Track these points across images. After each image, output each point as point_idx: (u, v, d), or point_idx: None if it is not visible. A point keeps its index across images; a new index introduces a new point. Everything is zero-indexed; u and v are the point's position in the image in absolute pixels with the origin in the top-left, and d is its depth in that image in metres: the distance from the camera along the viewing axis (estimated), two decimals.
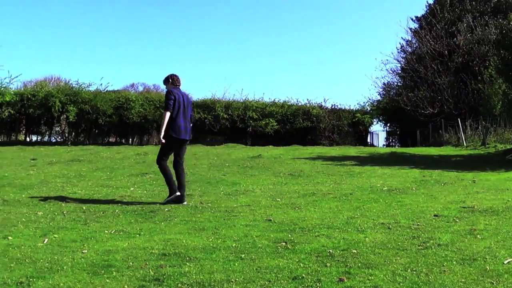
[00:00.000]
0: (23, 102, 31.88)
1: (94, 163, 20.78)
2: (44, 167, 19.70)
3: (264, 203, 11.47)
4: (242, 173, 17.37)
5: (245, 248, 7.34)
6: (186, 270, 6.31)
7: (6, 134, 35.24)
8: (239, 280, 5.90)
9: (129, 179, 16.25)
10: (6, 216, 10.34)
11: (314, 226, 8.84)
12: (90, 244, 7.88)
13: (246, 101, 35.29)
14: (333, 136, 36.45)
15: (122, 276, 6.16)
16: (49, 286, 5.90)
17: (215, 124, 33.46)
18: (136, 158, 22.63)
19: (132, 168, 19.02)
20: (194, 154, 24.12)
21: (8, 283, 6.02)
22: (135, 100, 32.90)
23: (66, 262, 6.83)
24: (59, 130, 36.16)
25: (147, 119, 32.67)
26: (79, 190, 14.01)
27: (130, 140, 35.26)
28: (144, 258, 6.94)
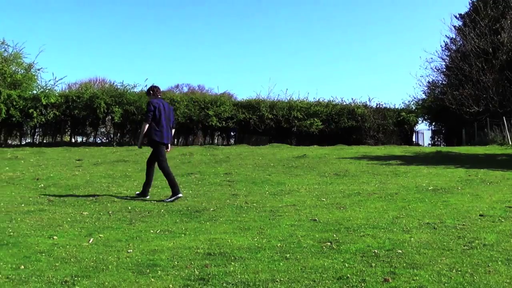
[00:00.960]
0: (68, 103, 32.16)
1: (140, 163, 20.88)
2: (89, 168, 19.88)
3: (309, 203, 11.44)
4: (287, 173, 17.32)
5: (290, 248, 7.34)
6: (231, 269, 6.33)
7: (52, 135, 35.61)
8: (284, 280, 5.90)
9: None
10: (52, 216, 10.45)
11: (359, 226, 8.80)
12: (135, 244, 7.93)
13: (290, 101, 35.20)
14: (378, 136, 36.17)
15: (167, 276, 6.20)
16: (94, 285, 5.96)
17: (260, 124, 33.44)
18: (182, 158, 22.70)
19: (178, 168, 19.06)
20: (239, 154, 24.14)
21: (53, 282, 6.09)
22: (180, 101, 32.99)
23: (111, 262, 6.89)
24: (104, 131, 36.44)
25: (192, 120, 32.74)
26: (125, 190, 14.12)
27: (175, 140, 35.37)
28: (189, 257, 6.97)
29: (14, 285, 6.04)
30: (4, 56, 33.26)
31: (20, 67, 34.00)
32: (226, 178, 16.18)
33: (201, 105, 33.48)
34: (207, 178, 16.31)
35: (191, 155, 23.57)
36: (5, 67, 32.08)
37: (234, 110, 33.59)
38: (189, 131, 35.02)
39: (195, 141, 36.75)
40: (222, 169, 18.41)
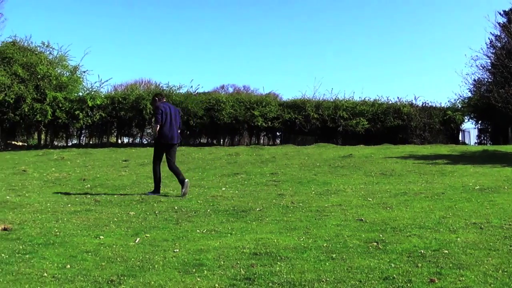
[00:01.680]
0: (114, 105, 32.49)
1: (186, 163, 21.01)
2: (135, 168, 20.07)
3: (355, 203, 11.43)
4: (333, 172, 17.30)
5: (336, 248, 7.34)
6: (277, 269, 6.35)
7: (98, 136, 35.97)
8: (330, 280, 5.91)
9: (221, 179, 16.39)
10: (98, 216, 10.58)
11: (405, 226, 8.77)
12: (181, 243, 8.00)
13: (336, 100, 35.05)
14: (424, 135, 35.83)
15: (213, 275, 6.24)
16: (140, 284, 6.03)
17: (306, 124, 33.37)
18: (228, 158, 22.79)
19: (224, 168, 19.16)
20: (285, 154, 24.16)
21: (98, 281, 6.18)
22: (225, 101, 33.08)
23: (158, 261, 6.96)
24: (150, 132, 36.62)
25: (238, 120, 32.80)
26: (171, 191, 14.24)
27: (221, 140, 35.47)
28: (235, 257, 7.01)
29: (60, 284, 6.13)
30: (49, 59, 33.63)
31: (66, 69, 34.34)
32: (272, 178, 16.21)
33: (247, 106, 33.51)
34: (253, 178, 16.36)
35: (237, 155, 23.64)
36: (51, 69, 32.45)
37: (279, 110, 33.56)
38: (235, 131, 35.08)
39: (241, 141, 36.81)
40: (268, 169, 18.44)
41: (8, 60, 32.12)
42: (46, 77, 32.22)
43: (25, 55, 32.49)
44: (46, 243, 8.25)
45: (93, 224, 9.76)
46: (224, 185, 15.08)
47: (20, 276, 6.48)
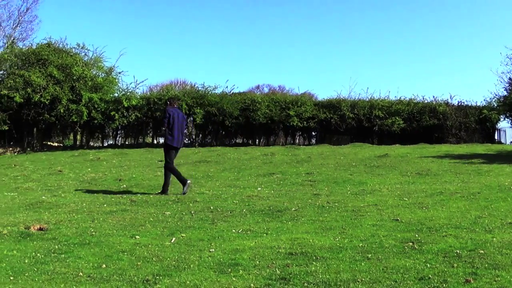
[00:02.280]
0: (149, 105, 32.58)
1: (222, 164, 21.08)
2: None
3: (391, 203, 11.41)
4: (369, 172, 17.25)
5: (372, 248, 7.36)
6: (313, 269, 6.38)
7: (134, 137, 36.08)
8: (366, 280, 5.93)
9: (256, 179, 16.42)
10: (134, 216, 10.69)
11: (441, 226, 8.75)
12: (217, 243, 8.06)
13: (372, 99, 34.84)
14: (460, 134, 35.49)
15: (249, 275, 6.29)
16: (175, 284, 6.10)
17: (341, 124, 33.23)
18: (263, 158, 22.80)
19: (259, 168, 19.19)
20: (321, 154, 24.13)
21: (134, 281, 6.26)
22: (261, 101, 33.02)
23: (193, 261, 7.03)
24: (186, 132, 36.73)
25: (273, 120, 32.74)
26: (207, 191, 14.30)
27: (256, 141, 35.46)
28: (271, 257, 7.05)
29: (95, 284, 6.22)
30: (84, 61, 33.86)
31: (101, 70, 34.51)
32: (307, 178, 16.21)
33: (282, 106, 33.45)
34: (288, 178, 16.37)
35: (273, 155, 23.66)
36: (86, 71, 32.66)
37: (315, 110, 33.45)
38: (270, 131, 35.04)
39: (277, 141, 36.75)
40: (303, 169, 18.44)
41: (43, 62, 32.40)
42: (82, 78, 32.45)
43: (60, 57, 32.72)
44: (81, 243, 8.37)
45: (129, 224, 9.87)
46: (259, 185, 15.11)
47: (56, 275, 6.59)
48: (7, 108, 30.98)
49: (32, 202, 12.87)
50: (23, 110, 31.37)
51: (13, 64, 32.58)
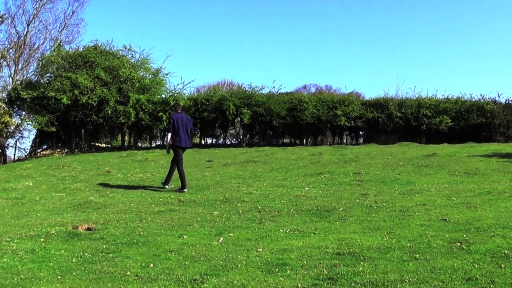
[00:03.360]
0: (197, 106, 32.71)
1: (269, 164, 21.11)
2: (219, 169, 20.28)
3: (439, 203, 11.33)
4: (417, 172, 17.10)
5: (420, 248, 7.36)
6: (360, 269, 6.42)
7: None
8: (413, 280, 5.95)
9: (304, 179, 16.42)
10: (182, 216, 10.82)
11: (489, 226, 8.69)
12: (265, 243, 8.13)
13: (419, 98, 34.45)
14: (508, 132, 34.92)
15: (296, 275, 6.35)
16: (222, 283, 6.18)
17: (389, 123, 32.97)
18: (311, 158, 22.78)
19: (307, 168, 19.18)
20: (368, 153, 24.01)
21: (181, 280, 6.36)
22: (308, 101, 32.90)
23: (241, 260, 7.11)
24: (233, 132, 36.87)
25: (321, 120, 32.60)
26: (255, 190, 14.35)
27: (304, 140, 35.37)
28: (318, 257, 7.10)
29: (143, 283, 6.34)
30: (131, 62, 34.15)
31: (148, 72, 34.76)
32: (355, 177, 16.16)
33: (329, 105, 33.31)
34: (336, 177, 16.33)
35: (320, 155, 23.62)
36: (133, 72, 32.94)
37: (362, 109, 33.23)
38: (317, 131, 34.90)
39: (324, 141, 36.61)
40: (351, 168, 18.39)
41: (90, 64, 32.81)
42: (129, 80, 32.75)
43: (107, 59, 33.09)
44: (129, 243, 8.52)
45: (177, 224, 10.00)
46: (307, 185, 15.13)
47: (103, 274, 6.73)
48: (54, 110, 31.50)
49: (80, 202, 13.12)
50: (70, 112, 31.84)
51: (60, 66, 33.06)
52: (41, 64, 34.72)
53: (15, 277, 6.81)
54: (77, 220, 10.62)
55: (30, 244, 8.74)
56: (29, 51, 43.82)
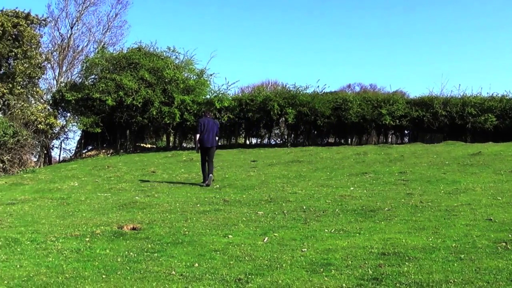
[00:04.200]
0: (241, 106, 32.91)
1: (314, 163, 21.13)
2: (264, 168, 20.35)
3: (485, 202, 11.27)
4: (462, 171, 16.97)
5: (465, 248, 7.36)
6: (405, 269, 6.44)
7: (226, 137, 36.47)
8: (458, 281, 5.97)
9: (349, 178, 16.43)
10: (227, 216, 10.92)
11: None
12: (309, 243, 8.19)
13: (464, 96, 34.05)
14: None
15: (341, 275, 6.40)
16: (267, 283, 6.26)
17: (434, 122, 32.73)
18: (356, 157, 22.73)
19: (352, 167, 19.17)
20: (414, 152, 23.87)
21: (226, 280, 6.46)
22: (352, 100, 32.81)
23: (285, 260, 7.18)
24: (278, 132, 36.92)
25: (366, 119, 32.49)
26: (299, 190, 14.41)
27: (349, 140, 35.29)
28: (363, 257, 7.14)
29: (188, 282, 6.44)
30: (175, 64, 34.41)
31: (192, 73, 34.97)
32: (400, 177, 16.10)
33: (374, 104, 33.16)
34: (381, 177, 16.29)
35: (365, 155, 23.56)
36: (178, 73, 33.20)
37: (407, 108, 33.03)
38: (362, 130, 34.79)
39: (369, 140, 36.47)
40: (396, 168, 18.32)
41: (134, 66, 33.21)
42: (173, 81, 33.01)
43: (151, 60, 33.42)
44: (174, 242, 8.65)
45: (222, 224, 10.10)
46: (352, 184, 15.14)
47: (148, 274, 6.86)
48: (99, 111, 32.06)
49: (125, 202, 13.31)
50: (115, 113, 32.35)
51: (104, 68, 33.56)
52: (86, 66, 35.31)
53: (60, 276, 6.96)
54: (122, 220, 10.78)
55: (75, 243, 8.92)
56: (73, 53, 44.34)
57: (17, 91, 31.79)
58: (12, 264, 7.70)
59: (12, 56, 32.22)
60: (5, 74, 32.21)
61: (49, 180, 20.39)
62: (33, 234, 9.81)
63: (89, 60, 35.42)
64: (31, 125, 30.55)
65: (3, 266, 7.60)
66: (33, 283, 6.69)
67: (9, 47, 31.47)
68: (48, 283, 6.65)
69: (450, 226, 9.01)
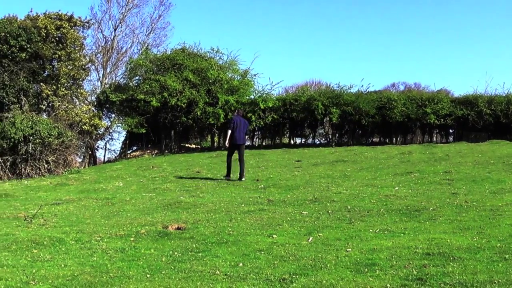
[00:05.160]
0: (285, 106, 32.98)
1: (359, 163, 21.13)
2: (308, 168, 20.42)
3: None
4: (508, 170, 16.80)
5: (510, 248, 7.34)
6: (449, 270, 6.45)
7: (271, 137, 36.66)
8: (502, 281, 5.97)
9: (394, 178, 16.41)
10: (271, 216, 10.98)
11: None
12: (354, 243, 8.24)
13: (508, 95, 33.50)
14: None
15: (385, 275, 6.43)
16: (311, 283, 6.32)
17: (479, 120, 32.44)
18: (401, 157, 22.66)
19: (397, 167, 19.12)
20: (459, 151, 23.71)
21: (270, 280, 6.52)
22: (397, 99, 32.62)
23: (330, 260, 7.23)
24: (322, 132, 36.86)
25: (410, 118, 32.28)
26: (344, 190, 14.44)
27: (393, 139, 35.13)
28: (407, 257, 7.16)
29: (232, 282, 6.53)
30: (219, 64, 34.62)
31: (236, 73, 35.14)
32: (445, 176, 16.02)
33: (418, 103, 32.94)
34: (426, 177, 16.22)
35: (410, 154, 23.46)
36: (221, 74, 33.43)
37: (451, 106, 32.78)
38: (407, 129, 34.62)
39: (414, 139, 36.26)
40: (441, 167, 18.21)
41: (178, 67, 33.53)
42: (217, 81, 33.24)
43: (195, 61, 33.68)
44: (219, 242, 8.74)
45: (266, 223, 10.16)
46: (397, 184, 15.12)
47: (192, 273, 6.94)
48: (144, 112, 32.49)
49: (170, 202, 13.44)
50: (160, 114, 32.72)
51: (148, 69, 33.96)
52: (130, 67, 35.84)
53: (104, 275, 7.07)
54: (167, 219, 10.89)
55: (120, 243, 9.05)
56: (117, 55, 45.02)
57: (61, 93, 32.36)
58: (56, 264, 7.83)
59: (56, 58, 32.82)
60: (49, 76, 32.79)
61: (94, 180, 20.68)
62: (77, 233, 9.95)
63: (133, 61, 35.92)
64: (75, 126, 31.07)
65: (47, 266, 7.73)
66: (78, 282, 6.80)
67: (53, 49, 32.02)
68: (93, 282, 6.76)
69: (495, 226, 8.97)
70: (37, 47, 30.82)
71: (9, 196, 16.94)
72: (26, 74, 30.80)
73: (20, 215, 12.56)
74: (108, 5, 44.55)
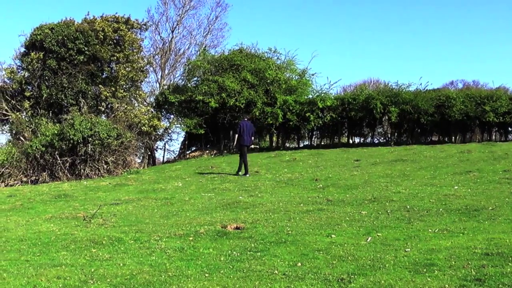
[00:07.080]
0: (344, 106, 32.87)
1: (418, 162, 21.01)
2: (367, 168, 20.41)
3: None
4: None
5: None
6: (508, 270, 6.46)
7: (329, 137, 36.50)
8: None
9: (453, 177, 16.31)
10: (330, 215, 11.05)
11: None
12: (413, 243, 8.27)
13: None
14: None
15: (444, 275, 6.46)
16: (369, 283, 6.39)
17: None
18: (460, 156, 22.45)
19: (456, 166, 18.98)
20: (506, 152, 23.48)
21: (329, 279, 6.61)
22: (455, 97, 32.23)
23: (388, 260, 7.28)
24: (381, 131, 36.60)
25: (469, 116, 31.93)
26: (403, 190, 14.41)
27: (452, 138, 34.74)
28: (466, 257, 7.16)
29: (290, 282, 6.63)
30: (277, 64, 34.65)
31: (294, 73, 35.11)
32: (505, 175, 15.87)
33: (477, 101, 32.54)
34: (485, 175, 16.08)
35: (469, 153, 23.24)
36: (279, 74, 33.46)
37: (510, 104, 32.35)
38: (466, 128, 34.19)
39: (473, 138, 35.82)
40: (500, 166, 18.05)
41: (236, 67, 33.68)
42: (275, 81, 33.28)
43: (253, 62, 33.77)
44: (277, 241, 8.86)
45: (325, 223, 10.25)
46: (456, 183, 15.02)
47: (251, 273, 7.06)
48: (202, 112, 32.73)
49: (229, 202, 13.61)
50: (218, 114, 32.93)
51: (206, 70, 34.13)
52: (188, 68, 36.15)
53: (163, 274, 7.25)
54: (226, 219, 11.05)
55: (179, 242, 9.24)
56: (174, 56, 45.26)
57: (120, 95, 32.75)
58: (115, 263, 8.05)
59: (114, 61, 33.20)
60: (108, 78, 33.19)
61: (153, 180, 20.98)
62: (136, 233, 10.18)
63: (191, 62, 36.23)
64: (134, 127, 31.40)
65: (106, 265, 7.96)
66: (136, 281, 6.98)
67: (111, 51, 32.42)
68: (151, 281, 6.93)
69: None
70: (95, 50, 31.23)
71: (68, 196, 17.33)
72: (85, 77, 31.20)
73: (79, 215, 12.89)
74: (165, 7, 44.87)
